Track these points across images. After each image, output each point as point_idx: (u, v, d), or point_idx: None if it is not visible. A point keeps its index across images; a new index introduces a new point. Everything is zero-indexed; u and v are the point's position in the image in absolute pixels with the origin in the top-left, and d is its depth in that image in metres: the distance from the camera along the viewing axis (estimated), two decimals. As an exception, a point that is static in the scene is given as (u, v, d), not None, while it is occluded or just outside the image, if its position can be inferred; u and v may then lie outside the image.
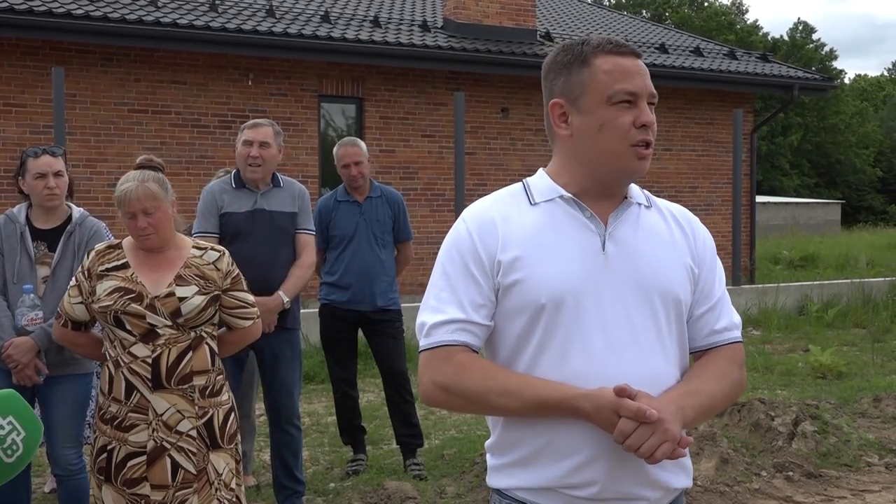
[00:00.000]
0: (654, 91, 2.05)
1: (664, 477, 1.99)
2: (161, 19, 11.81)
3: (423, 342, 2.01)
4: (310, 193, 5.33)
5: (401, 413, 5.88)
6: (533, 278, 1.95)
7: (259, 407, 6.03)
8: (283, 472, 5.03)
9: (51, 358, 4.12)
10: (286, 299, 4.78)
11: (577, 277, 1.95)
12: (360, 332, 5.96)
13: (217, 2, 13.22)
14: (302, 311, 6.53)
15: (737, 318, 2.15)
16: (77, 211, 4.31)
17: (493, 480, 2.05)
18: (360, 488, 5.48)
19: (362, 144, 5.85)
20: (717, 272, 2.15)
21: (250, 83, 12.82)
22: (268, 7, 13.44)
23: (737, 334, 2.13)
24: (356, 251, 5.72)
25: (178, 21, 11.89)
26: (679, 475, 2.03)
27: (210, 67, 12.58)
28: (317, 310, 6.09)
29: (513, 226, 1.99)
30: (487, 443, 2.09)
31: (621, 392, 1.85)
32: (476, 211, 2.05)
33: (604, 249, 1.99)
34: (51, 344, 4.07)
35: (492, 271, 1.98)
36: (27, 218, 4.24)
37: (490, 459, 2.07)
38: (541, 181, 2.08)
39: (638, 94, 1.99)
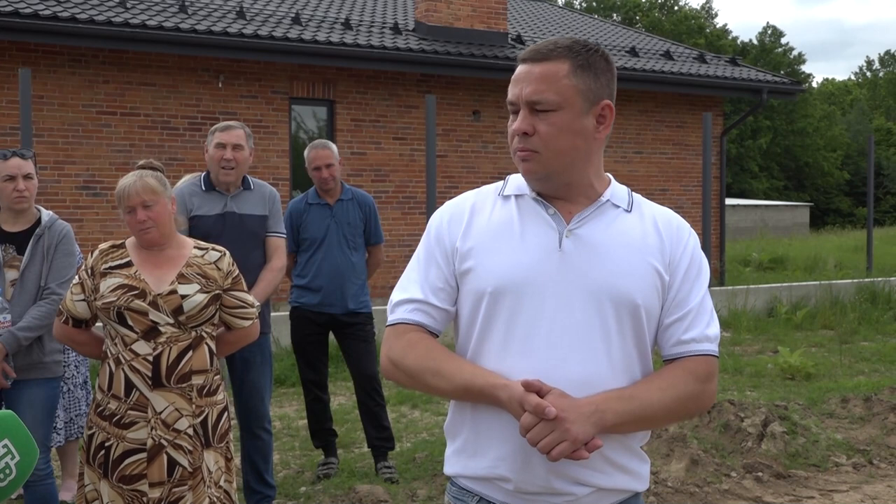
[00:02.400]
0: (535, 98, 1.99)
1: (585, 475, 1.97)
2: (130, 20, 11.71)
3: (389, 318, 2.11)
4: (281, 196, 5.31)
5: (372, 416, 5.87)
6: (481, 267, 2.02)
7: (230, 411, 5.99)
8: (254, 477, 5.01)
9: (19, 362, 4.08)
10: (257, 303, 4.75)
11: (524, 271, 1.99)
12: (332, 336, 5.94)
13: (187, 3, 13.14)
14: (273, 314, 6.51)
15: (712, 332, 2.07)
16: (46, 214, 4.27)
17: (446, 467, 2.13)
18: (332, 492, 5.46)
19: (333, 147, 5.83)
20: (697, 282, 2.09)
21: (220, 85, 12.75)
22: (238, 9, 13.38)
23: (707, 347, 2.05)
24: (327, 254, 5.71)
25: (147, 22, 11.80)
26: (614, 475, 2.01)
27: (180, 69, 12.50)
28: (287, 313, 6.06)
29: (480, 217, 2.08)
30: (444, 425, 2.16)
31: (528, 386, 1.88)
32: (456, 200, 2.15)
33: (560, 247, 2.00)
34: (19, 348, 4.03)
35: (452, 257, 2.07)
36: (-6, 221, 4.19)
37: (447, 447, 2.14)
38: (519, 177, 2.13)
39: (514, 103, 2.04)
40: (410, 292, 2.09)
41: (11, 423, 3.44)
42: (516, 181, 2.13)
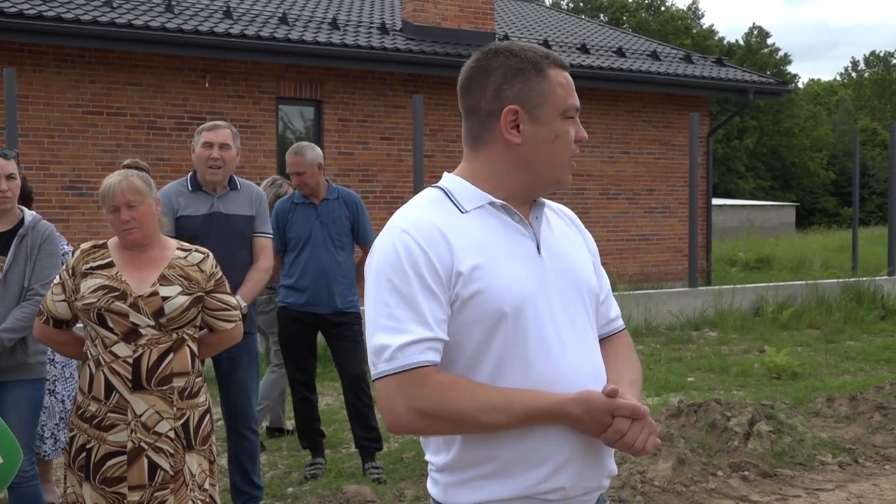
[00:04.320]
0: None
1: (612, 465, 2.07)
2: (116, 20, 11.67)
3: (385, 366, 1.87)
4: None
5: (360, 416, 5.86)
6: (493, 287, 1.91)
7: (216, 412, 5.98)
8: (241, 478, 4.99)
9: (2, 363, 4.05)
10: (244, 304, 4.74)
11: (529, 283, 1.96)
12: (320, 336, 5.93)
13: (173, 3, 13.10)
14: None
15: (618, 307, 2.26)
16: (29, 214, 4.24)
17: (455, 496, 1.97)
18: (319, 492, 5.45)
19: (308, 152, 5.78)
20: (601, 266, 2.24)
21: (207, 85, 12.72)
22: (225, 8, 13.35)
23: (622, 322, 2.24)
24: (312, 253, 5.70)
25: (133, 22, 11.76)
26: (614, 462, 2.11)
27: (166, 69, 12.46)
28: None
29: (459, 235, 1.93)
30: (438, 463, 1.99)
31: (613, 393, 1.90)
32: (416, 222, 1.95)
33: (540, 253, 2.01)
34: (2, 349, 4.00)
35: (449, 283, 1.90)
36: (-23, 221, 4.16)
37: (444, 477, 1.99)
38: (462, 187, 2.02)
39: (579, 110, 2.05)
40: (414, 331, 1.86)
41: None
42: (463, 191, 2.01)
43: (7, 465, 3.42)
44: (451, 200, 2.00)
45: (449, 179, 2.06)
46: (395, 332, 1.87)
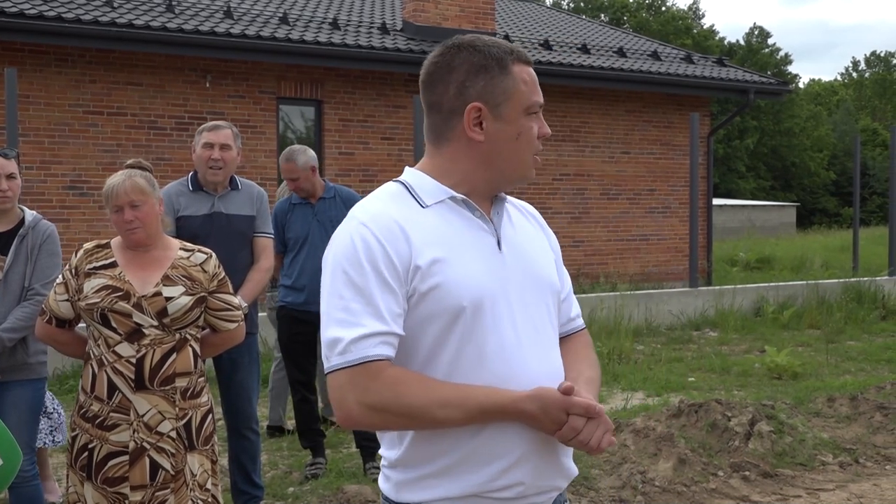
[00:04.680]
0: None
1: (571, 466, 2.05)
2: (117, 20, 11.67)
3: (338, 359, 1.85)
4: (269, 196, 5.30)
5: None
6: (450, 282, 1.89)
7: (217, 411, 5.98)
8: (242, 478, 4.99)
9: (3, 363, 4.05)
10: (245, 304, 4.74)
11: (488, 278, 1.95)
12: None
13: (174, 3, 13.10)
14: (260, 314, 6.49)
15: (579, 306, 2.27)
16: (30, 214, 4.24)
17: (406, 495, 1.95)
18: (320, 492, 5.45)
19: (300, 157, 5.75)
20: (563, 264, 2.24)
21: (208, 85, 12.72)
22: (225, 8, 13.35)
23: (583, 321, 2.25)
24: (310, 252, 5.70)
25: (134, 22, 11.76)
26: (573, 462, 2.10)
27: (167, 69, 12.46)
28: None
29: (418, 229, 1.92)
30: (390, 458, 1.98)
31: (568, 390, 1.88)
32: (375, 215, 1.93)
33: (500, 249, 2.00)
34: (3, 349, 4.00)
35: (406, 278, 1.88)
36: (-22, 221, 4.16)
37: (395, 473, 1.97)
38: (423, 181, 2.01)
39: (542, 106, 2.04)
40: (368, 325, 1.84)
41: None
42: (423, 186, 2.00)
43: (7, 467, 3.42)
44: (412, 195, 1.99)
45: (410, 174, 2.05)
46: (349, 325, 1.85)
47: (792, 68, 69.40)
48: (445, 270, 1.90)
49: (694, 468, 5.70)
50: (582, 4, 57.40)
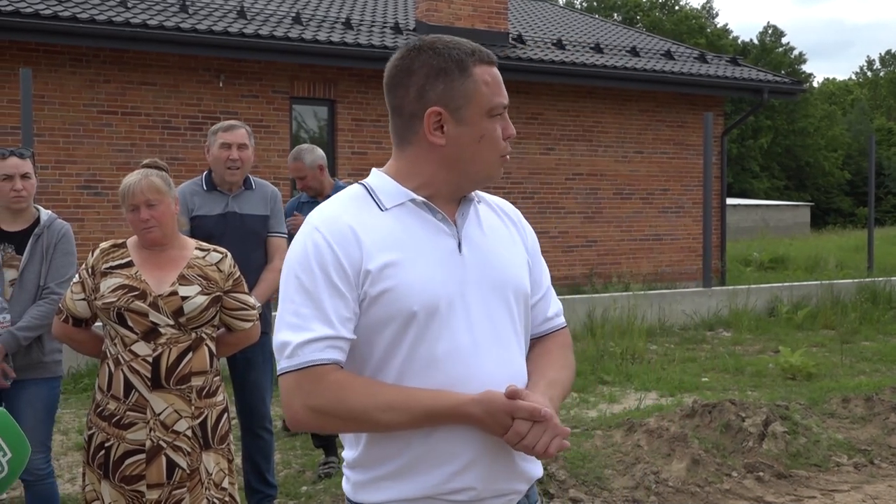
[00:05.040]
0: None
1: (530, 469, 2.03)
2: (131, 20, 11.72)
3: (286, 363, 1.87)
4: (282, 196, 5.31)
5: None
6: (402, 286, 1.89)
7: (231, 410, 6.00)
8: (255, 476, 5.00)
9: (18, 361, 4.08)
10: (258, 304, 4.75)
11: (443, 282, 1.93)
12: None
13: (188, 3, 13.14)
14: (273, 313, 6.49)
15: (560, 305, 2.22)
16: (45, 213, 4.26)
17: (362, 496, 1.97)
18: (333, 491, 5.46)
19: (307, 156, 5.77)
20: (542, 262, 2.20)
21: (221, 85, 12.75)
22: (239, 8, 13.38)
23: (563, 320, 2.21)
24: None
25: (148, 22, 11.80)
26: (537, 465, 2.07)
27: (180, 69, 12.50)
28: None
29: (371, 233, 1.92)
30: (348, 458, 2.00)
31: (513, 394, 1.86)
32: (328, 219, 1.94)
33: (460, 251, 1.99)
34: (18, 347, 4.03)
35: (356, 282, 1.89)
36: (-6, 220, 4.18)
37: (353, 474, 1.99)
38: (385, 184, 2.01)
39: (507, 107, 2.01)
40: (316, 330, 1.85)
41: (3, 421, 3.45)
42: (384, 188, 1.99)
43: (16, 460, 3.44)
44: (373, 197, 1.99)
45: (374, 176, 2.05)
46: (298, 329, 1.87)
47: (806, 67, 69.21)
48: (397, 275, 1.90)
49: (708, 469, 5.68)
50: (595, 4, 57.31)
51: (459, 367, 1.91)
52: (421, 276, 1.91)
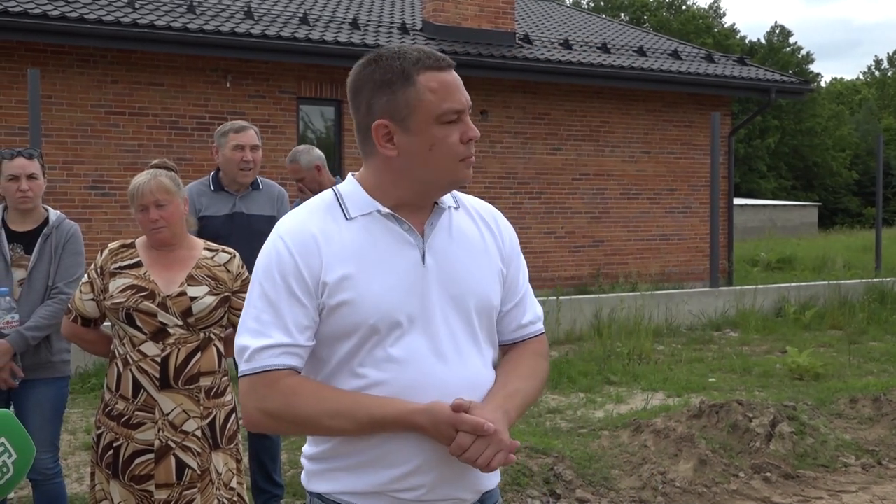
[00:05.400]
0: (470, 103, 2.02)
1: (482, 480, 2.04)
2: (138, 21, 11.74)
3: (244, 367, 1.93)
4: (289, 196, 5.32)
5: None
6: (360, 299, 1.92)
7: (238, 410, 6.00)
8: (262, 476, 5.01)
9: (26, 361, 4.09)
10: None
11: (402, 294, 1.94)
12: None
13: (195, 3, 13.16)
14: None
15: (539, 311, 2.20)
16: (54, 213, 4.27)
17: (314, 485, 2.03)
18: (340, 491, 5.45)
19: (303, 157, 5.74)
20: (522, 268, 2.19)
21: (228, 85, 12.77)
22: (246, 9, 13.40)
23: (540, 326, 2.19)
24: None
25: (155, 22, 11.83)
26: (493, 477, 2.08)
27: (188, 69, 12.52)
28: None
29: (333, 243, 1.94)
30: (307, 452, 2.05)
31: (458, 407, 1.87)
32: (293, 227, 1.97)
33: (424, 263, 1.99)
34: (27, 347, 4.04)
35: (316, 292, 1.93)
36: (3, 220, 4.20)
37: (309, 465, 2.05)
38: (355, 192, 2.03)
39: (462, 111, 1.96)
40: (273, 337, 1.91)
41: (8, 422, 3.46)
42: (353, 198, 2.01)
43: (21, 461, 3.45)
44: (340, 205, 2.01)
45: (347, 182, 2.07)
46: (257, 334, 1.93)
47: (814, 67, 69.04)
48: (354, 287, 1.92)
49: (715, 469, 5.67)
50: (602, 4, 57.25)
51: (417, 377, 1.93)
52: (378, 289, 1.93)
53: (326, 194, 2.06)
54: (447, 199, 2.08)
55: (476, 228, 2.11)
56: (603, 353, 9.54)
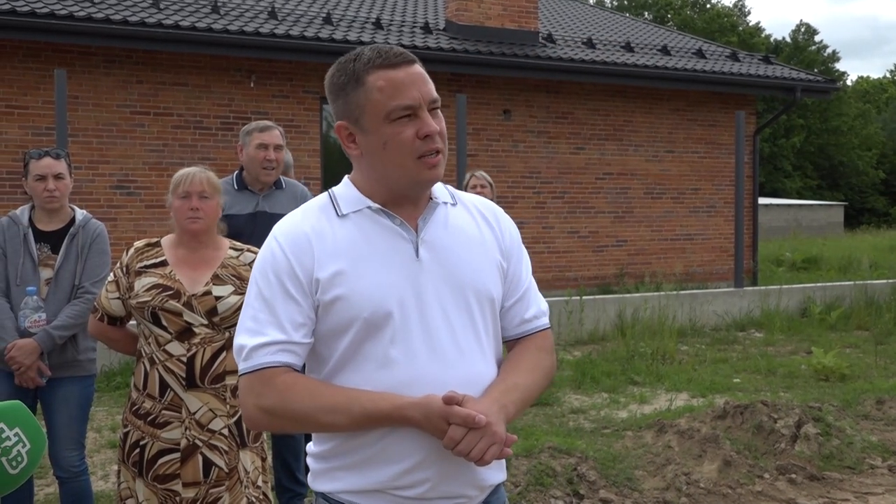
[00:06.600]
0: (435, 95, 2.01)
1: (486, 476, 2.04)
2: (163, 21, 11.82)
3: (242, 365, 1.97)
4: (313, 195, 5.33)
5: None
6: (353, 294, 1.94)
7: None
8: (285, 474, 5.03)
9: (53, 360, 4.13)
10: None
11: (396, 288, 1.96)
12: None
13: (219, 3, 13.23)
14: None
15: (544, 305, 2.20)
16: (80, 213, 4.31)
17: (318, 484, 2.05)
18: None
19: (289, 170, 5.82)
20: (524, 262, 2.19)
21: (252, 85, 12.83)
22: (270, 9, 13.45)
23: (545, 321, 2.18)
24: None
25: (180, 23, 11.89)
26: (497, 472, 2.08)
27: (212, 69, 12.59)
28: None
29: (326, 241, 1.98)
30: (312, 451, 2.07)
31: (450, 400, 1.87)
32: (287, 228, 2.02)
33: (417, 256, 2.00)
34: (53, 346, 4.07)
35: (310, 289, 1.96)
36: (30, 220, 4.23)
37: (314, 464, 2.07)
38: (347, 191, 2.06)
39: (415, 107, 1.96)
40: (269, 335, 1.95)
41: (22, 413, 3.49)
42: (345, 196, 2.05)
43: (34, 450, 3.48)
44: (334, 204, 2.05)
45: (342, 185, 2.10)
46: (254, 333, 1.96)
47: (840, 66, 68.51)
48: (347, 282, 1.95)
49: (739, 470, 5.64)
50: (625, 2, 57.05)
51: (413, 371, 1.94)
52: (371, 283, 1.95)
53: (321, 197, 2.10)
54: (443, 195, 2.11)
55: (473, 222, 2.12)
56: (626, 354, 9.51)
